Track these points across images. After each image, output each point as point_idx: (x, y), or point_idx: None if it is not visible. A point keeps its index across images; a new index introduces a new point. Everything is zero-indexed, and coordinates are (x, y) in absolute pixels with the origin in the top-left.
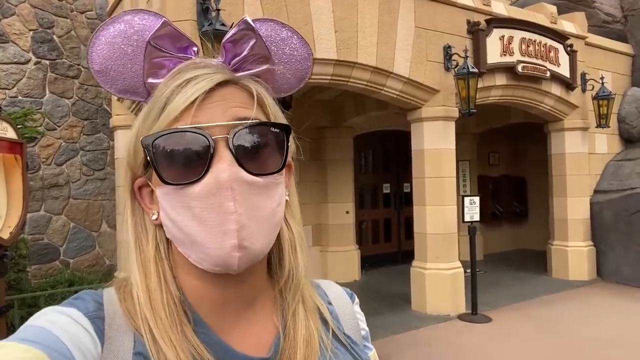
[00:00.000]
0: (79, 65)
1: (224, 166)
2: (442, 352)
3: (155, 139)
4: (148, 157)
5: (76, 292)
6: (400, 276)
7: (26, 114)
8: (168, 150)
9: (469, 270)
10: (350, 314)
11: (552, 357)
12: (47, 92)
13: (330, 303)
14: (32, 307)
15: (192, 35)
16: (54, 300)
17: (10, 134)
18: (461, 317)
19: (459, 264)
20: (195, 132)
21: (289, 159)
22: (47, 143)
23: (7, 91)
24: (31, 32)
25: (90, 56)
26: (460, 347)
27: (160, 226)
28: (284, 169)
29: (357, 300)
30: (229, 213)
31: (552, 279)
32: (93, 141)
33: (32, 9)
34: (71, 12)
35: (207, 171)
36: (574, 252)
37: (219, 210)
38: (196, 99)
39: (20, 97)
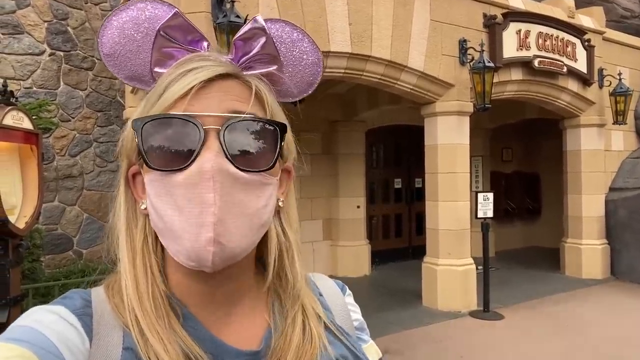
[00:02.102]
0: (93, 57)
1: (209, 156)
2: (454, 348)
3: (146, 123)
4: (136, 140)
5: (89, 282)
6: (411, 272)
7: (41, 105)
8: (157, 135)
9: (480, 267)
10: (342, 305)
11: (565, 356)
12: (62, 83)
13: (320, 294)
14: (46, 297)
15: (206, 27)
16: (67, 290)
17: (26, 124)
18: (473, 314)
19: (471, 261)
20: (187, 120)
21: (290, 164)
22: (61, 134)
23: (22, 82)
24: (46, 24)
25: (101, 40)
26: (472, 344)
27: (149, 217)
28: (274, 170)
29: (348, 291)
30: (208, 205)
31: (565, 277)
32: (106, 133)
33: (47, 0)
34: (85, 3)
35: (194, 160)
36: (587, 250)
37: (198, 201)
38: (192, 87)
39: (34, 88)
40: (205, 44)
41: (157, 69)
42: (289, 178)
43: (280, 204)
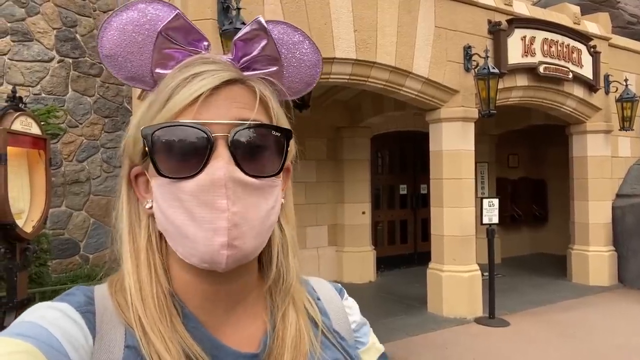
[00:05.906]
0: (101, 63)
1: (220, 164)
2: (459, 355)
3: (156, 131)
4: (147, 148)
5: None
6: (416, 278)
7: (49, 111)
8: (167, 143)
9: (486, 274)
10: (339, 308)
11: None
12: (70, 89)
13: (318, 298)
14: None
15: (212, 34)
16: None
17: (35, 129)
18: (478, 320)
19: (477, 267)
20: (196, 128)
21: (288, 162)
22: (69, 140)
23: (30, 88)
24: (55, 31)
25: (100, 40)
26: (477, 350)
27: (153, 216)
28: (281, 173)
29: (346, 295)
30: (221, 211)
31: (571, 284)
32: (113, 139)
33: (56, 8)
34: (94, 11)
35: (203, 167)
36: (594, 257)
37: (211, 207)
38: (200, 95)
39: (43, 95)
40: (205, 43)
41: (158, 70)
42: (288, 176)
43: (282, 201)
